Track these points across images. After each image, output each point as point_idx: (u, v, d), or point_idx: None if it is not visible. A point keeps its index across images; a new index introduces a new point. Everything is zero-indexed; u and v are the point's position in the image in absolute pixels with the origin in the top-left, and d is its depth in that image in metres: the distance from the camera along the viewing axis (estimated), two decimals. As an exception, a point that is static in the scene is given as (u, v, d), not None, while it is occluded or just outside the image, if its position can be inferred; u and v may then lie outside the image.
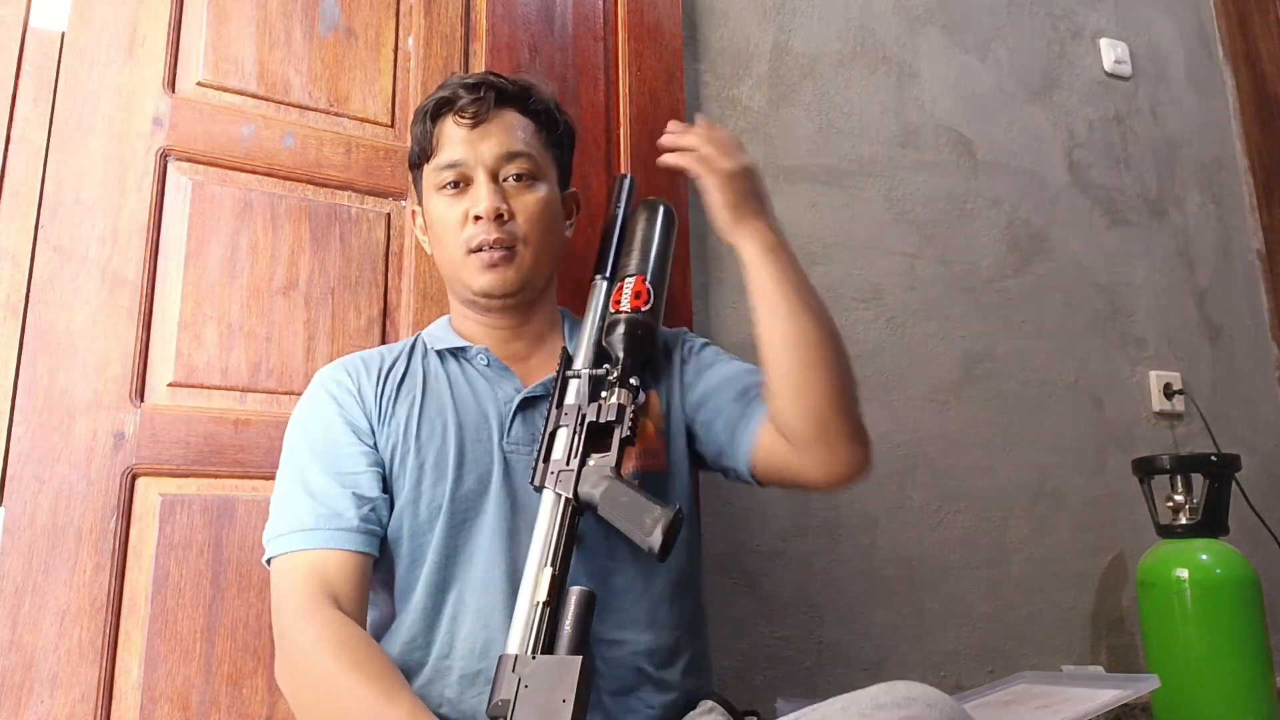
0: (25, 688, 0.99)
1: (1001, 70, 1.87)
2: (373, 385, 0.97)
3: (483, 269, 0.97)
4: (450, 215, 0.98)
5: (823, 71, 1.67)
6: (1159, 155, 2.02)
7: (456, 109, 0.98)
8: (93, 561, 1.04)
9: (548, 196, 1.01)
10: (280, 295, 1.20)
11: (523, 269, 0.98)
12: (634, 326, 0.96)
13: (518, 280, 0.98)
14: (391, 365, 1.00)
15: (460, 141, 0.98)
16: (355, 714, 0.77)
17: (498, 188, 0.97)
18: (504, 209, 0.96)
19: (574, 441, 0.89)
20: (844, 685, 1.44)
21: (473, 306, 1.02)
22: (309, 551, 0.86)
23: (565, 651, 0.76)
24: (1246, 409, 1.95)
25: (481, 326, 1.03)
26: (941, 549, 1.56)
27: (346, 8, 1.33)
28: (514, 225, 0.97)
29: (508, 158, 0.98)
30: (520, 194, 0.98)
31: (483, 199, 0.96)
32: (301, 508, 0.88)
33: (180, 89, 1.21)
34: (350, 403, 0.95)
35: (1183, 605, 1.48)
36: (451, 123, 0.99)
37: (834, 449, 0.89)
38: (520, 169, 0.99)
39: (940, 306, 1.67)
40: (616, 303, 0.98)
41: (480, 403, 0.97)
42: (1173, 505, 1.59)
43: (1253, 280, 2.06)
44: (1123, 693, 1.06)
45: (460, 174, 0.98)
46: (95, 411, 1.08)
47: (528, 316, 1.03)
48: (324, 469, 0.90)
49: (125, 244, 1.13)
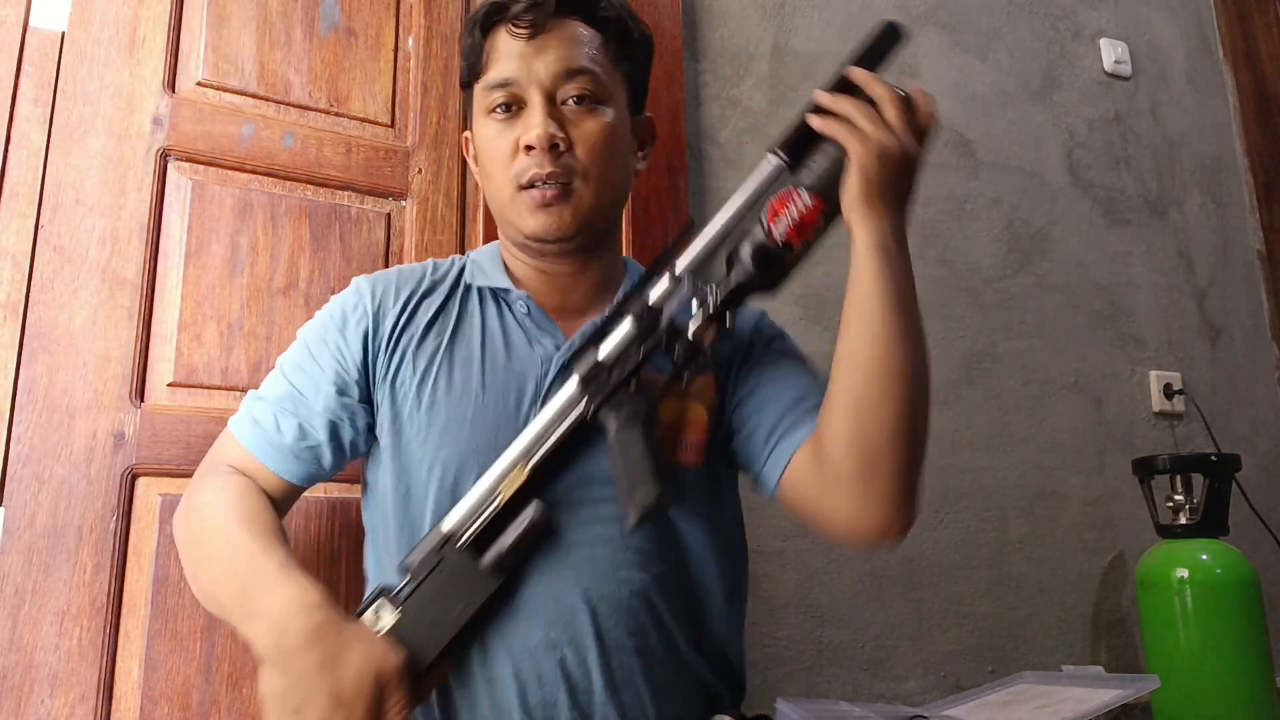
0: (25, 688, 0.99)
1: (1001, 70, 1.87)
2: (395, 312, 0.88)
3: (534, 209, 0.84)
4: (499, 144, 0.85)
5: (823, 71, 1.67)
6: (1159, 155, 2.02)
7: (510, 16, 0.85)
8: (93, 561, 1.04)
9: (614, 122, 0.87)
10: (280, 295, 1.20)
11: (580, 210, 0.85)
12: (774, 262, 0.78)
13: (574, 223, 0.85)
14: (429, 293, 0.90)
15: (514, 56, 0.84)
16: (230, 556, 0.78)
17: (555, 111, 0.84)
18: (560, 138, 0.83)
19: (633, 349, 0.76)
20: (844, 685, 1.44)
21: (524, 249, 0.90)
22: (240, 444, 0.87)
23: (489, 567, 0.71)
24: (1246, 409, 1.95)
25: (532, 270, 0.91)
26: (941, 549, 1.56)
27: (346, 8, 1.33)
28: (571, 157, 0.84)
29: (567, 75, 0.84)
30: (581, 120, 0.85)
31: (535, 125, 0.83)
32: (258, 405, 0.88)
33: (180, 89, 1.21)
34: (356, 332, 0.88)
35: (1183, 605, 1.48)
36: (505, 34, 0.85)
37: (872, 496, 0.76)
38: (582, 89, 0.85)
39: (940, 306, 1.67)
40: (774, 213, 0.78)
41: (514, 360, 0.86)
42: (1173, 505, 1.58)
43: (1253, 280, 2.06)
44: (1123, 693, 1.06)
45: (512, 94, 0.85)
46: (95, 411, 1.08)
47: (586, 264, 0.91)
48: (294, 380, 0.88)
49: (125, 244, 1.13)
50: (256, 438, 0.87)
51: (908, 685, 1.48)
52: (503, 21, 0.86)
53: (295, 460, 0.87)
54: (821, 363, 1.55)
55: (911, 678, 1.48)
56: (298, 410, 0.87)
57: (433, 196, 1.33)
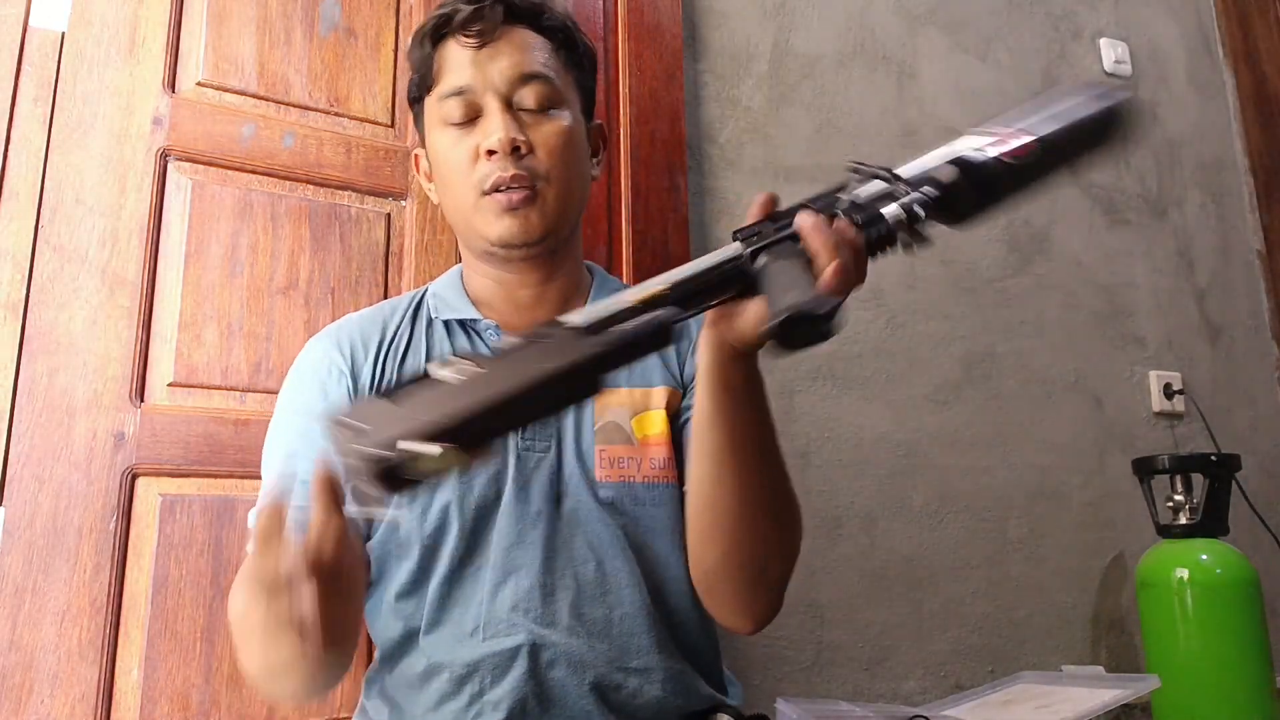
0: (25, 688, 0.99)
1: (1001, 70, 1.87)
2: (370, 364, 0.87)
3: (500, 213, 0.83)
4: (458, 153, 0.84)
5: (823, 71, 1.67)
6: (1159, 155, 2.02)
7: (459, 25, 0.84)
8: (93, 561, 1.04)
9: (572, 126, 0.86)
10: (280, 295, 1.20)
11: (547, 213, 0.84)
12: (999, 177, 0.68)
13: (541, 225, 0.84)
14: (394, 337, 0.89)
15: (466, 64, 0.84)
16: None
17: (512, 116, 0.83)
18: (521, 141, 0.82)
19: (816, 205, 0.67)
20: (844, 685, 1.44)
21: (489, 259, 0.88)
22: None
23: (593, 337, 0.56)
24: (1246, 409, 1.94)
25: (498, 286, 0.90)
26: (941, 549, 1.56)
27: (346, 8, 1.33)
28: (533, 160, 0.83)
29: (523, 79, 0.84)
30: (540, 123, 0.84)
31: (495, 129, 0.82)
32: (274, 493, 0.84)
33: (180, 89, 1.21)
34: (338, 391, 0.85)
35: (1183, 605, 1.48)
36: (454, 44, 0.85)
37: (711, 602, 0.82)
38: (539, 93, 0.84)
39: (940, 306, 1.67)
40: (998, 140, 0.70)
41: None
42: (1173, 505, 1.58)
43: (1253, 280, 2.06)
44: (1123, 693, 1.06)
45: (467, 103, 0.84)
46: (95, 411, 1.08)
47: (550, 275, 0.89)
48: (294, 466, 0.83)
49: (125, 244, 1.13)
50: None
51: (908, 685, 1.48)
52: (451, 32, 0.85)
53: None
54: (822, 362, 1.56)
55: (911, 678, 1.48)
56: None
57: (433, 196, 1.33)
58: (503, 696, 0.78)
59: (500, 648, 0.79)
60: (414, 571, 0.82)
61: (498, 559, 0.81)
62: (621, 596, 0.82)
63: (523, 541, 0.82)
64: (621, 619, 0.81)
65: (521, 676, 0.78)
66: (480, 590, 0.81)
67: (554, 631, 0.79)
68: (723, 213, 1.52)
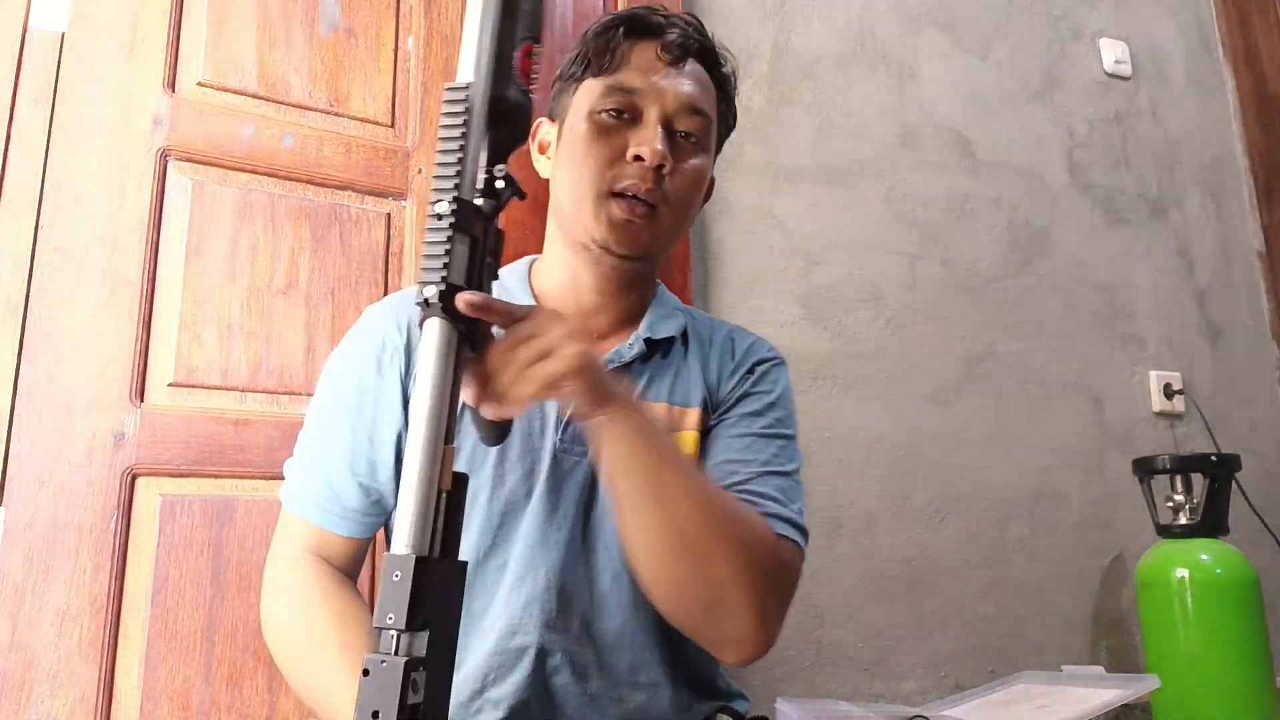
0: (25, 688, 0.99)
1: (1001, 70, 1.87)
2: None
3: (619, 217, 0.82)
4: (602, 145, 0.83)
5: (823, 71, 1.67)
6: (1159, 155, 2.02)
7: (662, 37, 0.85)
8: (93, 561, 1.04)
9: (706, 168, 0.88)
10: (280, 295, 1.20)
11: (659, 235, 0.85)
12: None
13: (649, 244, 0.84)
14: None
15: (648, 71, 0.84)
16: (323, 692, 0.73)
17: (672, 138, 0.84)
18: (669, 163, 0.82)
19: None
20: (844, 685, 1.44)
21: (580, 253, 0.86)
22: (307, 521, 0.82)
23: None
24: (1246, 409, 1.95)
25: (571, 281, 0.88)
26: (941, 549, 1.56)
27: (346, 8, 1.33)
28: (670, 183, 0.83)
29: (690, 110, 0.85)
30: (686, 154, 0.85)
31: (653, 140, 0.82)
32: (313, 474, 0.83)
33: (180, 89, 1.21)
34: (392, 371, 0.83)
35: (1183, 605, 1.48)
36: (645, 48, 0.85)
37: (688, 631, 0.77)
38: (696, 127, 0.85)
39: (940, 306, 1.67)
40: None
41: None
42: (1173, 505, 1.59)
43: (1253, 280, 2.06)
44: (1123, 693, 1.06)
45: (631, 104, 0.84)
46: (95, 411, 1.08)
47: (626, 287, 0.89)
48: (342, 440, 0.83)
49: (125, 244, 1.13)
50: (317, 510, 0.82)
51: (908, 685, 1.48)
52: (651, 37, 0.86)
53: (364, 519, 0.83)
54: (823, 362, 1.56)
55: (911, 678, 1.48)
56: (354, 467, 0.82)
57: (433, 196, 1.33)
58: (504, 696, 0.78)
59: (508, 646, 0.79)
60: None
61: (520, 555, 0.80)
62: (635, 612, 0.81)
63: (545, 542, 0.81)
64: (633, 634, 0.81)
65: (525, 678, 0.78)
66: (499, 585, 0.81)
67: (564, 638, 0.79)
68: (722, 212, 1.52)
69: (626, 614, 0.81)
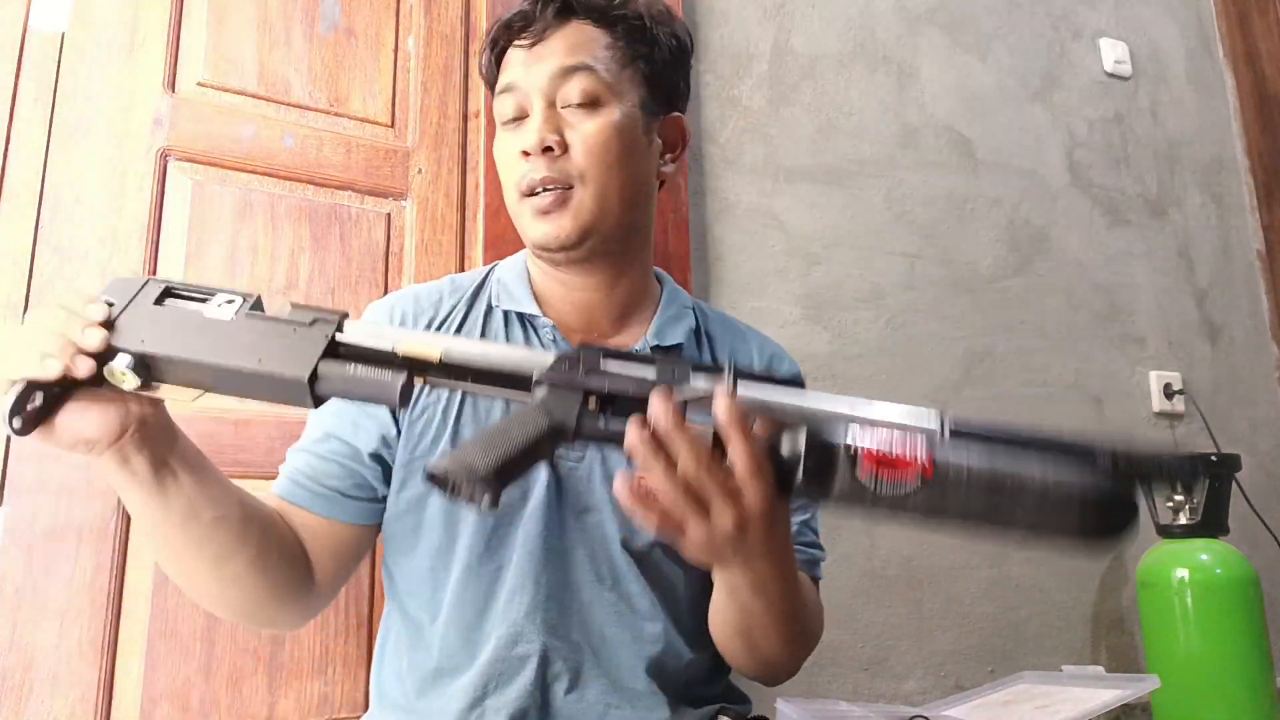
0: (25, 688, 0.99)
1: (1001, 70, 1.87)
2: None
3: (534, 216, 0.80)
4: (505, 153, 0.83)
5: (823, 71, 1.67)
6: (1159, 155, 2.02)
7: (510, 27, 0.83)
8: (93, 561, 1.04)
9: (620, 121, 0.81)
10: (280, 295, 1.20)
11: (582, 216, 0.80)
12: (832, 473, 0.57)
13: (575, 229, 0.79)
14: (447, 317, 0.86)
15: (517, 65, 0.82)
16: None
17: (554, 115, 0.80)
18: (554, 140, 0.79)
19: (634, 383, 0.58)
20: (844, 685, 1.44)
21: (540, 259, 0.86)
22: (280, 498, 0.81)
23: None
24: (1246, 409, 1.95)
25: (558, 285, 0.87)
26: (941, 549, 1.56)
27: (346, 8, 1.33)
28: (566, 161, 0.79)
29: (563, 74, 0.80)
30: (580, 121, 0.80)
31: (528, 130, 0.80)
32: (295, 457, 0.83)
33: (180, 89, 1.21)
34: None
35: (1183, 605, 1.48)
36: (518, 43, 0.83)
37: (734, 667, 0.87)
38: (581, 88, 0.80)
39: (940, 306, 1.67)
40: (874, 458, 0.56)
41: None
42: (1173, 505, 1.59)
43: (1253, 280, 2.06)
44: (1123, 693, 1.06)
45: (516, 103, 0.82)
46: (95, 411, 1.08)
47: (612, 278, 0.85)
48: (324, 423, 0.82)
49: (125, 244, 1.13)
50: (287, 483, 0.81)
51: (908, 685, 1.48)
52: (513, 31, 0.84)
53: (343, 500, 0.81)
54: (823, 363, 1.56)
55: (911, 678, 1.48)
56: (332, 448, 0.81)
57: (433, 196, 1.33)
58: (504, 704, 0.77)
59: (509, 654, 0.78)
60: (433, 557, 0.81)
61: (519, 562, 0.79)
62: (638, 623, 0.81)
63: (546, 549, 0.79)
64: (636, 645, 0.80)
65: (527, 687, 0.77)
66: (495, 590, 0.79)
67: (566, 646, 0.79)
68: (722, 212, 1.52)
69: (631, 624, 0.81)
